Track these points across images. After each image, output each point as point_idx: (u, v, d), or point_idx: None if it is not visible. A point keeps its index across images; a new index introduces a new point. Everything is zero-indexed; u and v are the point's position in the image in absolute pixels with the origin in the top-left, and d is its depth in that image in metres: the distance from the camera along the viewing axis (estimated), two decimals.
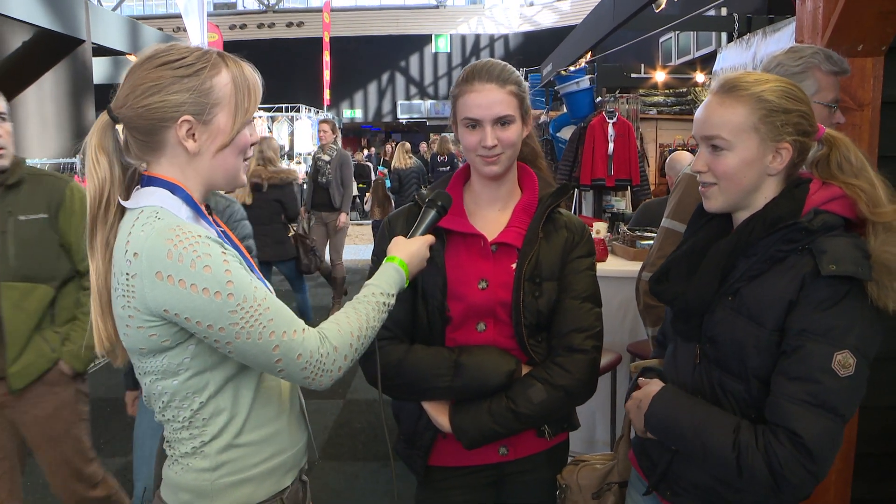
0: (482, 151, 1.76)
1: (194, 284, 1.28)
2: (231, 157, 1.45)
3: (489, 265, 1.81)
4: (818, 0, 2.55)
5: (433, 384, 1.76)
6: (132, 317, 1.33)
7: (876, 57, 2.56)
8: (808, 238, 1.44)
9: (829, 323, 1.38)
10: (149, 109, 1.37)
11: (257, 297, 1.33)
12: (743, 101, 1.50)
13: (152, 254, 1.28)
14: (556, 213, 1.87)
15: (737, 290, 1.50)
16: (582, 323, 1.78)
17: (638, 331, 3.80)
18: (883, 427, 2.78)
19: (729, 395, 1.51)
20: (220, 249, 1.33)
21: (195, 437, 1.45)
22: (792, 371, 1.39)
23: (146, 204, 1.37)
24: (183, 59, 1.38)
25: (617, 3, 6.55)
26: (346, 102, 26.58)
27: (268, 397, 1.51)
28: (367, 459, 4.32)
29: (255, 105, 1.46)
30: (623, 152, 6.77)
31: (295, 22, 25.95)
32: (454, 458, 1.88)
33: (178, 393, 1.41)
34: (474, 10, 26.80)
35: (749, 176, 1.51)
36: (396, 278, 1.59)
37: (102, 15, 6.94)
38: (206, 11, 9.20)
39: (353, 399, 5.34)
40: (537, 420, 1.78)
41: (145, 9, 27.53)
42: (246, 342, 1.32)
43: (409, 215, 1.88)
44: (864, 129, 2.58)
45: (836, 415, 1.37)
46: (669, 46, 13.03)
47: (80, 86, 6.41)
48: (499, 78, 1.75)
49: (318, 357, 1.38)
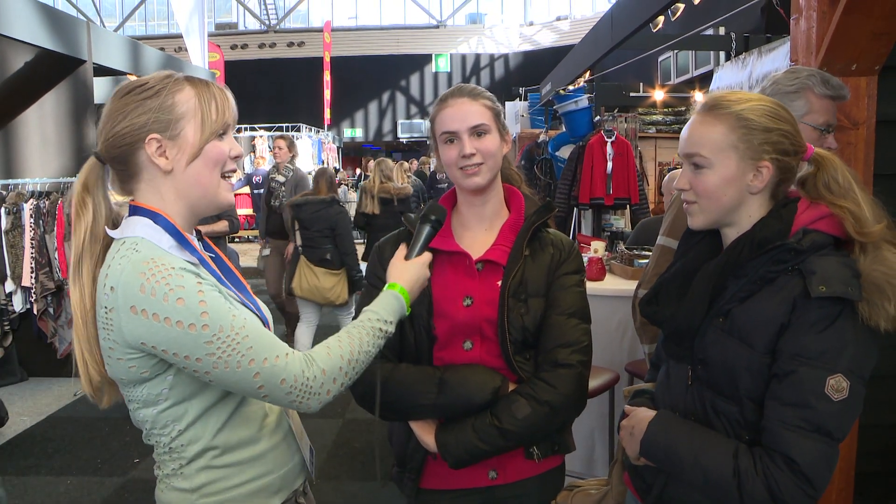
0: (462, 163, 1.78)
1: (168, 318, 1.29)
2: (205, 171, 1.44)
3: (475, 283, 1.81)
4: (812, 20, 2.58)
5: (417, 402, 1.75)
6: (112, 348, 1.36)
7: (870, 76, 2.58)
8: (798, 258, 1.43)
9: (821, 346, 1.37)
10: (118, 136, 1.40)
11: (235, 325, 1.33)
12: (723, 119, 1.50)
13: (126, 289, 1.30)
14: (543, 231, 1.88)
15: (727, 311, 1.50)
16: (568, 338, 1.77)
17: (636, 350, 3.79)
18: (884, 446, 2.77)
19: (722, 417, 1.50)
20: (196, 280, 1.33)
21: (175, 460, 1.48)
22: (786, 396, 1.39)
23: (129, 234, 1.39)
24: (144, 85, 1.42)
25: (615, 23, 6.59)
26: (347, 121, 26.72)
27: (247, 420, 1.52)
28: (366, 479, 4.30)
29: (223, 118, 1.45)
30: (622, 171, 6.80)
31: (296, 42, 26.12)
32: (444, 482, 1.86)
33: (157, 421, 1.43)
34: (474, 29, 26.99)
35: (729, 194, 1.51)
36: (395, 306, 1.58)
37: (104, 35, 6.97)
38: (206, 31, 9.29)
39: (352, 419, 5.32)
40: (523, 437, 1.75)
41: (147, 29, 27.73)
42: (224, 371, 1.33)
43: (399, 240, 1.89)
44: (859, 147, 2.60)
45: (831, 438, 1.37)
46: (668, 65, 13.08)
47: (81, 105, 6.43)
48: (470, 93, 1.82)
49: (302, 381, 1.37)
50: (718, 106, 1.53)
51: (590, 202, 6.94)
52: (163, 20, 27.74)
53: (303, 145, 18.39)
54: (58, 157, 6.38)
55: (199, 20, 8.84)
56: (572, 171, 7.06)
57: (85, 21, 6.61)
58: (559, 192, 7.26)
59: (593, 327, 1.85)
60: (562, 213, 7.21)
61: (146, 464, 4.55)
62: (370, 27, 27.39)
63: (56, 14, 6.00)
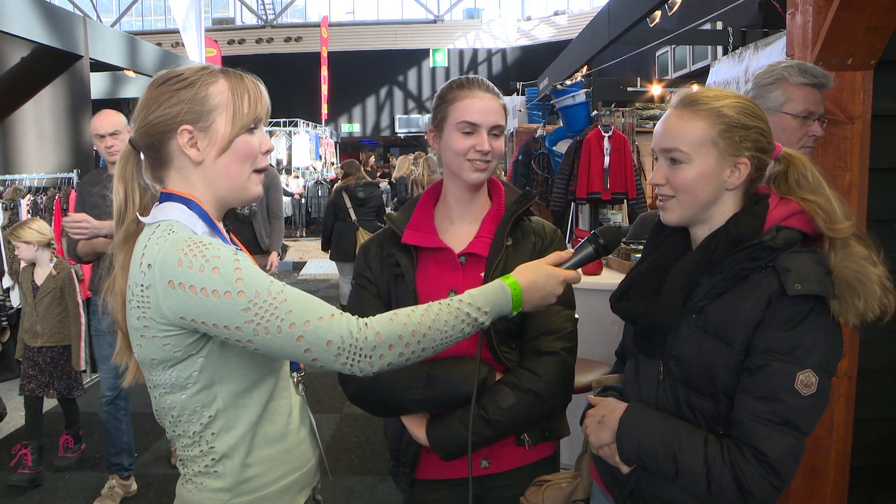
0: (474, 156, 1.79)
1: (204, 288, 1.29)
2: (233, 164, 1.45)
3: (458, 276, 1.83)
4: (808, 14, 2.58)
5: (406, 397, 1.76)
6: (147, 327, 1.35)
7: (865, 71, 2.59)
8: (771, 256, 1.45)
9: (792, 342, 1.39)
10: (151, 125, 1.42)
11: (272, 290, 1.32)
12: (702, 115, 1.51)
13: (164, 264, 1.31)
14: (525, 219, 1.89)
15: (701, 308, 1.51)
16: (551, 325, 1.79)
17: None
18: (877, 439, 2.79)
19: (697, 413, 1.51)
20: (232, 253, 1.34)
21: (206, 455, 1.45)
22: (756, 390, 1.41)
23: (163, 219, 1.40)
24: (180, 76, 1.43)
25: (612, 18, 6.59)
26: (345, 117, 26.68)
27: (276, 415, 1.51)
28: (364, 474, 4.31)
29: (254, 112, 1.46)
30: (619, 166, 6.80)
31: (293, 37, 26.06)
32: (438, 472, 1.88)
33: (186, 407, 1.42)
34: (472, 24, 26.94)
35: (707, 189, 1.52)
36: (498, 298, 1.49)
37: (101, 31, 6.96)
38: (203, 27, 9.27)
39: (350, 413, 5.32)
40: (510, 426, 1.76)
41: (144, 24, 27.65)
42: (266, 338, 1.31)
43: (384, 238, 1.92)
44: (854, 142, 2.60)
45: (798, 432, 1.40)
46: (666, 60, 13.11)
47: (78, 101, 6.41)
48: (493, 91, 1.84)
49: (350, 342, 1.33)
50: (697, 102, 1.53)
51: (587, 197, 6.94)
52: (159, 16, 27.68)
53: (300, 141, 18.40)
54: (55, 153, 6.38)
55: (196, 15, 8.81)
56: (570, 165, 7.06)
57: (82, 16, 6.59)
58: (556, 187, 7.27)
59: (590, 321, 1.86)
60: (559, 208, 7.22)
61: (146, 458, 4.56)
62: (367, 22, 27.33)
63: (53, 9, 5.98)
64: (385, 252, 1.91)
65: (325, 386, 5.69)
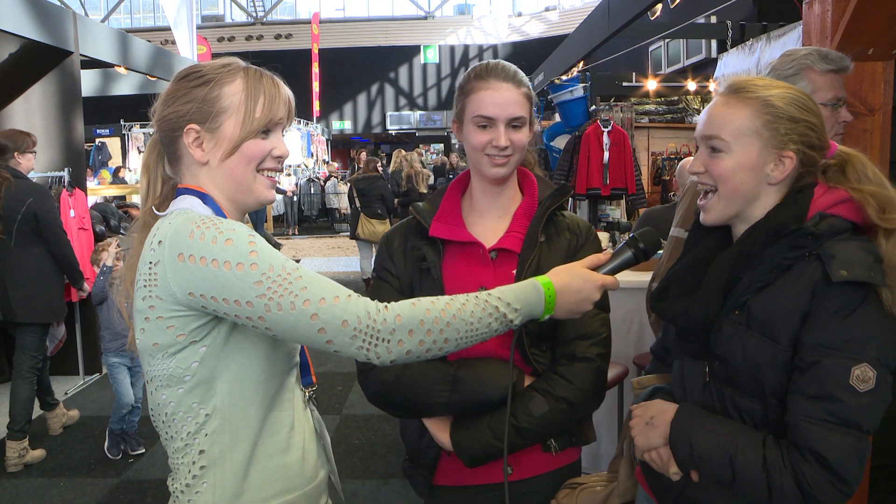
0: (492, 151, 1.70)
1: (215, 259, 1.23)
2: (239, 167, 1.39)
3: (489, 272, 1.75)
4: (826, 4, 2.51)
5: (432, 400, 1.68)
6: (153, 307, 1.29)
7: (886, 61, 2.52)
8: (815, 243, 1.36)
9: (844, 335, 1.31)
10: (164, 120, 1.41)
11: (287, 266, 1.25)
12: (748, 103, 1.44)
13: (175, 238, 1.26)
14: (558, 215, 1.81)
15: (743, 303, 1.42)
16: (586, 329, 1.71)
17: (644, 342, 3.74)
18: (893, 439, 2.72)
19: (744, 415, 1.43)
20: (248, 230, 1.29)
21: (195, 463, 1.36)
22: (809, 389, 1.32)
23: (176, 207, 1.37)
24: (198, 72, 1.41)
25: (612, 11, 6.52)
26: (336, 114, 26.57)
27: (277, 426, 1.42)
28: (366, 477, 4.22)
29: (268, 115, 1.39)
30: (619, 161, 6.75)
31: (283, 34, 25.94)
32: (459, 478, 1.80)
33: (182, 403, 1.34)
34: (463, 20, 26.88)
35: (747, 182, 1.44)
36: (530, 296, 1.41)
37: (91, 27, 6.83)
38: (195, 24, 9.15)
39: (350, 415, 5.25)
40: (540, 434, 1.69)
41: (133, 22, 27.45)
42: (278, 314, 1.23)
43: (408, 230, 1.84)
44: (875, 134, 2.54)
45: (860, 431, 1.30)
46: (659, 55, 13.07)
47: (68, 98, 6.29)
48: (514, 78, 1.72)
49: (367, 323, 1.25)
50: (744, 89, 1.46)
51: (586, 193, 6.89)
52: (149, 13, 27.50)
53: (292, 138, 18.30)
54: (45, 151, 6.24)
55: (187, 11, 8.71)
56: (568, 161, 7.00)
57: (72, 11, 6.47)
58: (555, 182, 7.21)
59: None
60: None
61: (141, 464, 4.46)
62: (358, 18, 27.22)
63: (42, 4, 5.86)
64: (409, 244, 1.82)
65: (322, 386, 5.60)
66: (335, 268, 12.09)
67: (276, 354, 1.40)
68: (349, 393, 5.66)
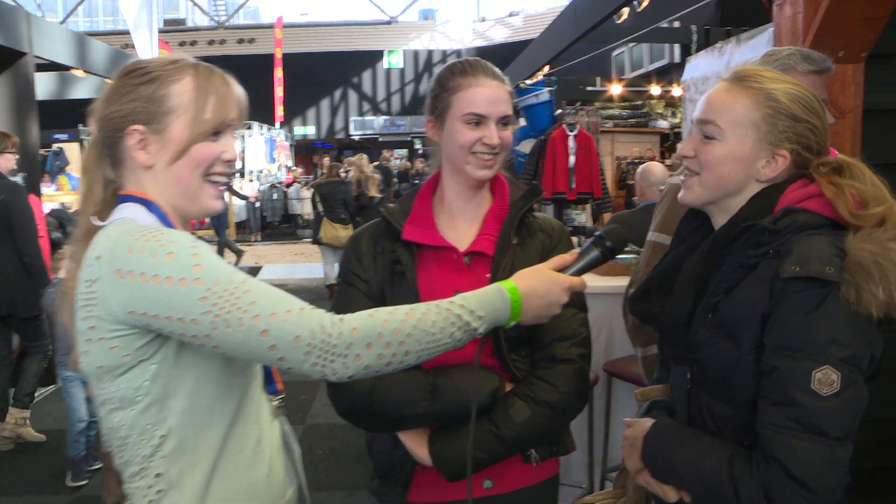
0: (480, 149, 1.64)
1: (156, 275, 1.15)
2: (185, 172, 1.30)
3: (463, 277, 1.68)
4: (798, 5, 2.49)
5: (410, 411, 1.60)
6: (94, 327, 1.20)
7: (856, 64, 2.51)
8: (777, 240, 1.30)
9: (804, 336, 1.23)
10: (106, 119, 1.31)
11: (234, 280, 1.17)
12: (751, 93, 1.38)
13: (114, 253, 1.18)
14: (530, 216, 1.76)
15: (715, 305, 1.36)
16: (565, 330, 1.65)
17: (614, 349, 3.68)
18: (874, 441, 2.71)
19: (718, 422, 1.37)
20: (191, 240, 1.20)
21: (151, 488, 1.26)
22: (772, 395, 1.26)
23: (117, 217, 1.28)
24: (144, 68, 1.31)
25: (578, 15, 6.52)
26: (299, 119, 26.40)
27: (241, 443, 1.33)
28: (332, 489, 4.13)
29: (220, 116, 1.31)
30: (584, 165, 6.74)
31: (246, 38, 25.69)
32: (434, 493, 1.72)
33: (135, 426, 1.24)
34: (426, 25, 26.89)
35: (734, 172, 1.38)
36: (495, 302, 1.34)
37: (46, 27, 6.65)
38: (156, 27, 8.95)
39: (314, 424, 5.14)
40: (523, 442, 1.63)
41: (92, 25, 27.02)
42: (226, 332, 1.15)
43: (377, 232, 1.76)
44: (845, 136, 2.53)
45: (827, 437, 1.22)
46: (622, 60, 13.18)
47: (22, 101, 6.10)
48: (499, 76, 1.69)
49: (322, 338, 1.17)
50: (750, 78, 1.40)
51: (552, 197, 6.86)
52: (108, 16, 27.09)
53: (254, 143, 18.08)
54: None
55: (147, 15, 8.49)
56: (534, 165, 6.99)
57: (25, 11, 6.29)
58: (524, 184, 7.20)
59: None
60: None
61: (96, 480, 4.30)
62: (322, 23, 27.10)
63: None
64: (380, 247, 1.74)
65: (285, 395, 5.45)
66: (298, 274, 11.95)
67: (234, 367, 1.31)
68: (313, 402, 5.55)
